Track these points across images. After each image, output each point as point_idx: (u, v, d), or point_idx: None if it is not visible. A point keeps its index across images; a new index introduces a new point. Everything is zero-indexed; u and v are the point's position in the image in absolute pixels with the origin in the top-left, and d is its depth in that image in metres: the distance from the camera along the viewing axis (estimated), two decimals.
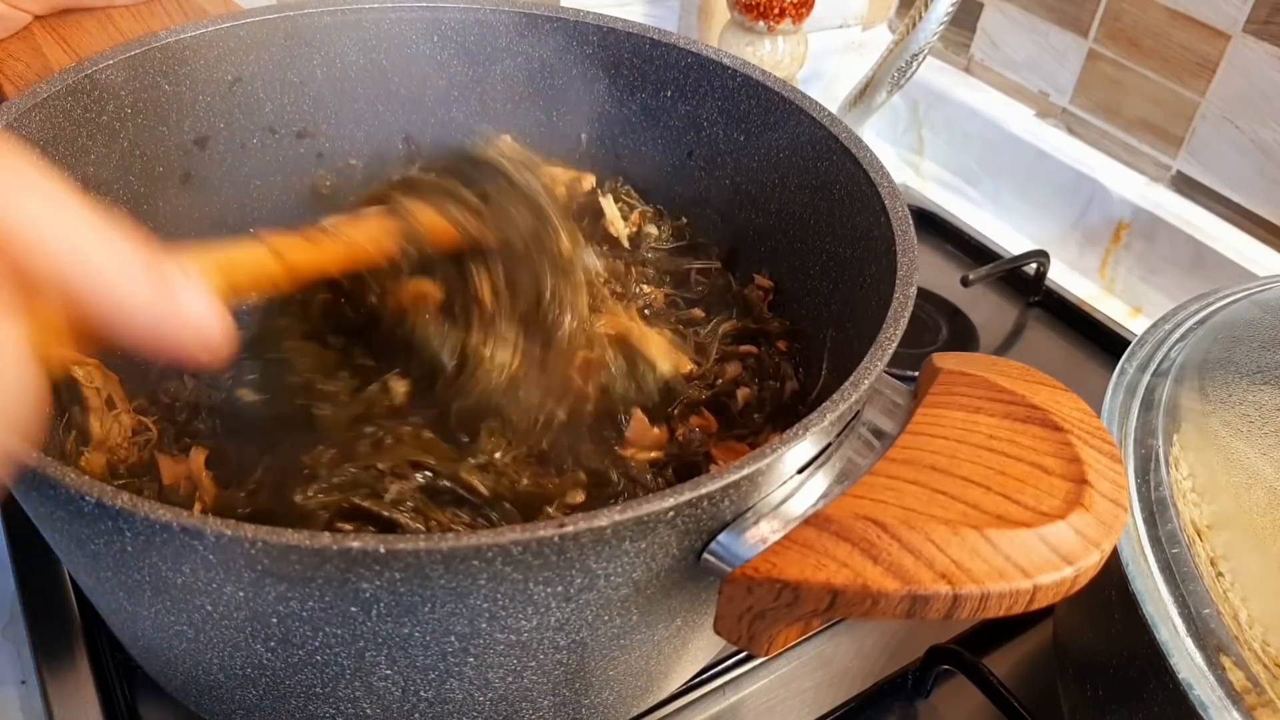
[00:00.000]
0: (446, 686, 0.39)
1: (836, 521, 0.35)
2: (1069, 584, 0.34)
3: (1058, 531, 0.34)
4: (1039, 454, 0.37)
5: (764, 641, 0.37)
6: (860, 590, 0.33)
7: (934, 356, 0.43)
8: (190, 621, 0.37)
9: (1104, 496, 0.35)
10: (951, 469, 0.37)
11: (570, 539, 0.33)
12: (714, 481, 0.34)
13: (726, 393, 0.55)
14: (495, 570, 0.33)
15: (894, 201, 0.48)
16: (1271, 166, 0.84)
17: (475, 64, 0.64)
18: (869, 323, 0.45)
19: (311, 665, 0.38)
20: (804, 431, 0.37)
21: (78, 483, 0.32)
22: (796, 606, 0.35)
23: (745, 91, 0.58)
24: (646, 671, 0.45)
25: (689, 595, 0.40)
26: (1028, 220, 1.00)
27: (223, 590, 0.34)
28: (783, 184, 0.58)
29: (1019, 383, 0.40)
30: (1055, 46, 0.98)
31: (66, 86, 0.51)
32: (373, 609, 0.34)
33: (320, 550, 0.31)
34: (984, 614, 0.33)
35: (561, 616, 0.37)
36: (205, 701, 0.45)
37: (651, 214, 0.65)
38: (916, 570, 0.33)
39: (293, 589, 0.34)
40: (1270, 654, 0.41)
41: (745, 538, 0.37)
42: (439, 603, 0.34)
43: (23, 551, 0.57)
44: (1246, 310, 0.57)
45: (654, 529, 0.35)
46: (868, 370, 0.39)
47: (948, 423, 0.39)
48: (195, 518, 0.31)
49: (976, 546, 0.34)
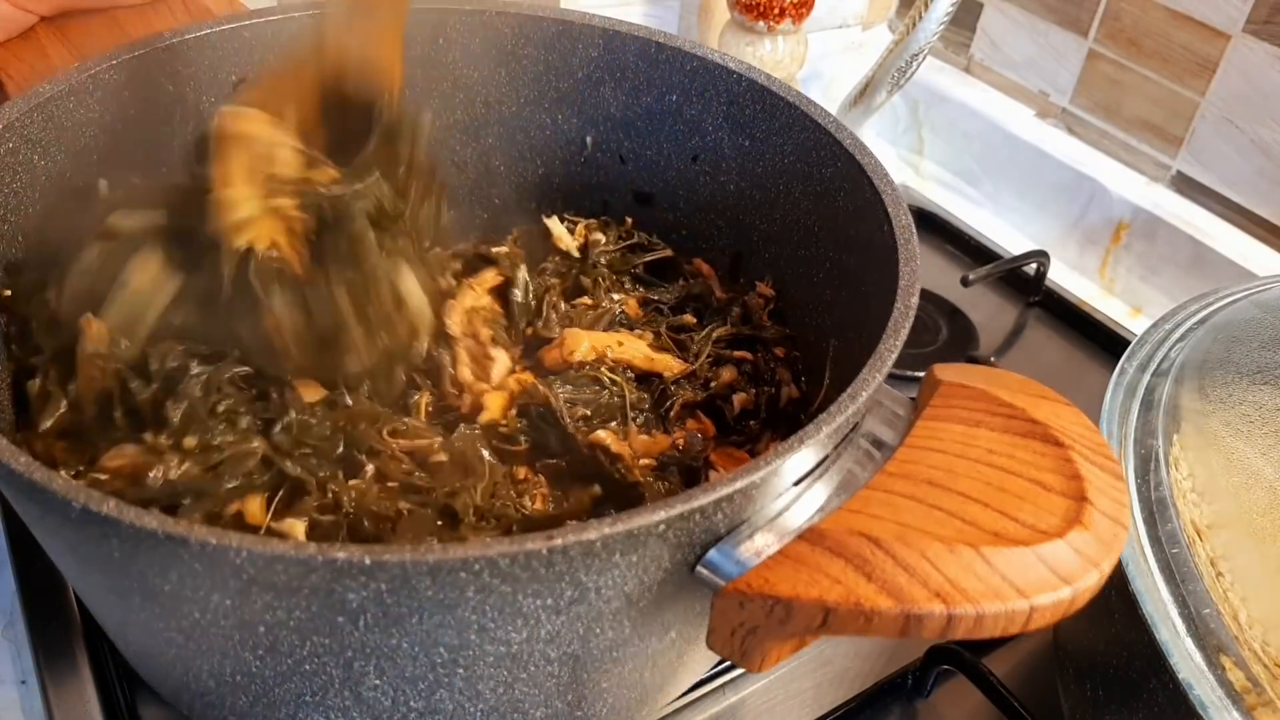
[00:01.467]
0: (436, 697, 0.38)
1: (830, 537, 0.35)
2: (1066, 605, 0.33)
3: (1056, 550, 0.34)
4: (1039, 470, 0.36)
5: (756, 657, 0.36)
6: (853, 608, 0.33)
7: (935, 368, 0.43)
8: (179, 628, 0.37)
9: (1104, 515, 0.35)
10: (949, 484, 0.36)
11: (559, 552, 0.33)
12: (706, 495, 0.34)
13: (722, 397, 0.54)
14: (483, 583, 0.33)
15: (897, 210, 0.48)
16: (1271, 166, 0.84)
17: (480, 66, 0.63)
18: (871, 332, 0.45)
19: (300, 674, 0.37)
20: (800, 443, 0.36)
21: (65, 488, 0.32)
22: (789, 623, 0.34)
23: (750, 96, 0.58)
24: (641, 684, 0.44)
25: (683, 608, 0.40)
26: (1028, 220, 0.99)
27: (210, 598, 0.34)
28: (787, 190, 0.58)
29: (1020, 396, 0.40)
30: (1055, 46, 0.97)
31: (70, 87, 0.51)
32: (360, 619, 0.34)
33: (305, 560, 0.31)
34: (979, 634, 0.33)
35: (552, 629, 0.37)
36: (197, 707, 0.44)
37: (597, 224, 0.65)
38: (911, 589, 0.33)
39: (279, 598, 0.33)
40: (1270, 654, 0.40)
41: (739, 551, 0.36)
42: (427, 614, 0.34)
43: (23, 551, 0.57)
44: (1246, 310, 0.57)
45: (645, 542, 0.34)
46: (866, 382, 0.39)
47: (947, 436, 0.38)
48: (181, 526, 0.31)
49: (972, 565, 0.33)
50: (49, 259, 0.49)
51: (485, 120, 0.65)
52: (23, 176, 0.49)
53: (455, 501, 0.45)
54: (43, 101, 0.50)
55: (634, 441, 0.51)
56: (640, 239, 0.64)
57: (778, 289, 0.60)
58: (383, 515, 0.44)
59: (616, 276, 0.61)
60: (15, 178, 0.49)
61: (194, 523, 0.32)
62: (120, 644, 0.46)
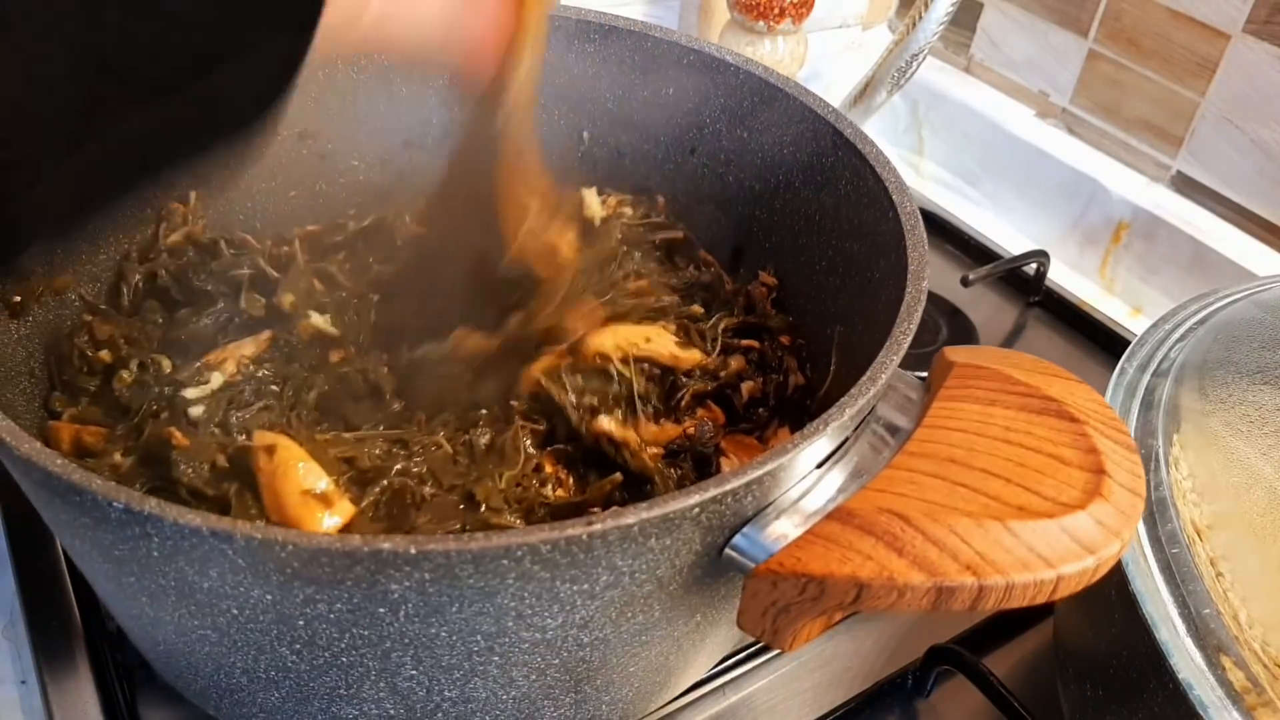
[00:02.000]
0: (470, 685, 0.39)
1: (859, 515, 0.36)
2: (1091, 573, 0.34)
3: (1078, 522, 0.35)
4: (1056, 445, 0.38)
5: (788, 636, 0.37)
6: (886, 582, 0.34)
7: (945, 350, 0.44)
8: (215, 625, 0.37)
9: (1122, 486, 0.36)
10: (970, 461, 0.37)
11: (598, 537, 0.33)
12: (738, 478, 0.35)
13: (731, 386, 0.55)
14: (524, 569, 0.33)
15: (902, 197, 0.49)
16: (1271, 166, 0.85)
17: None
18: (878, 318, 0.46)
19: (337, 667, 0.38)
20: (824, 427, 0.37)
21: (104, 489, 0.32)
22: (822, 600, 0.35)
23: (748, 88, 0.59)
24: (665, 667, 0.45)
25: (709, 591, 0.41)
26: (1028, 220, 1.00)
27: (250, 594, 0.34)
28: (787, 180, 0.58)
29: (1033, 375, 0.41)
30: (1055, 46, 0.98)
31: None
32: (400, 610, 0.34)
33: (351, 552, 0.32)
34: (1008, 604, 0.34)
35: (586, 614, 0.37)
36: (225, 705, 0.45)
37: (630, 199, 0.64)
38: (942, 562, 0.34)
39: (321, 591, 0.34)
40: (1270, 654, 0.41)
41: (766, 533, 0.37)
42: (467, 602, 0.34)
43: (23, 551, 0.57)
44: (1246, 310, 0.57)
45: (679, 526, 0.35)
46: (884, 365, 0.40)
47: (964, 415, 0.39)
48: (225, 522, 0.32)
49: (1000, 538, 0.34)
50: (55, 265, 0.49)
51: None
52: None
53: (478, 488, 0.45)
54: None
55: (643, 430, 0.52)
56: (659, 219, 0.64)
57: (779, 278, 0.60)
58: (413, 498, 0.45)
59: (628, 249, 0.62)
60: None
61: (236, 520, 0.32)
62: (145, 645, 0.46)
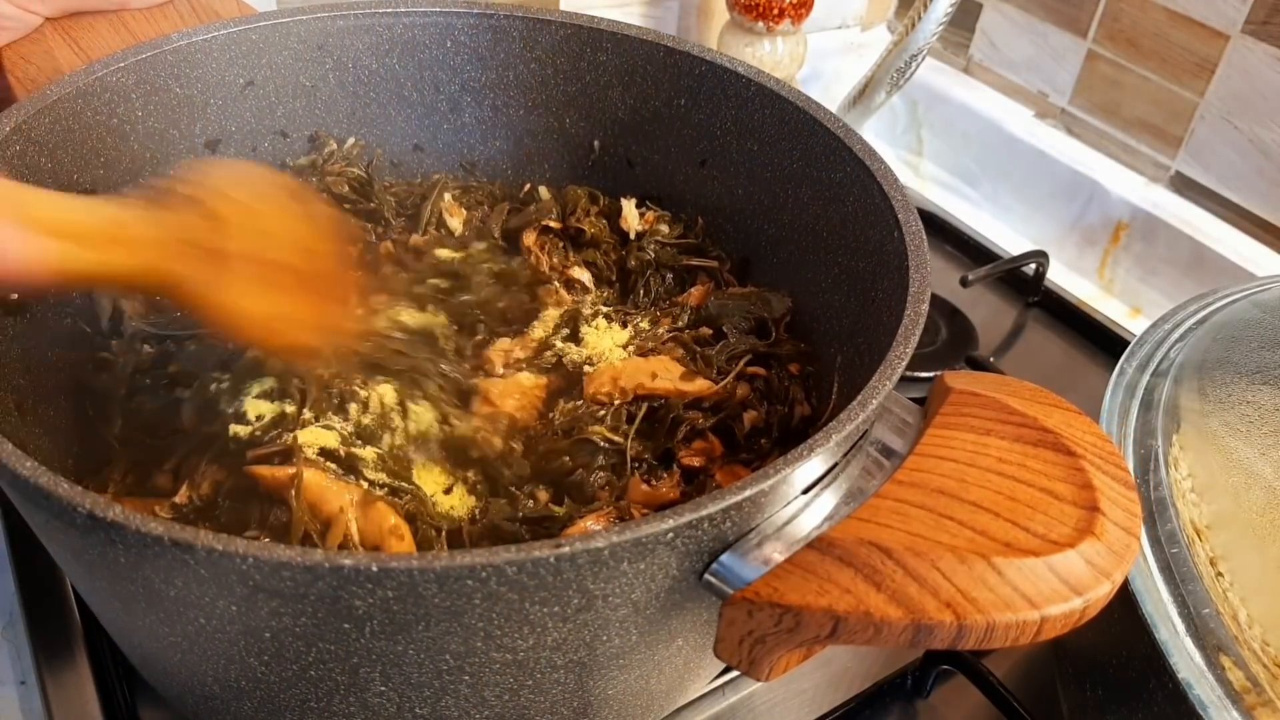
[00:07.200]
0: (442, 704, 0.38)
1: (840, 546, 0.35)
2: (1077, 616, 0.33)
3: (1067, 561, 0.33)
4: (1050, 479, 0.36)
5: (764, 667, 0.36)
6: (863, 618, 0.33)
7: (945, 376, 0.42)
8: (184, 634, 0.37)
9: (1116, 525, 0.35)
10: (960, 493, 0.36)
11: (566, 559, 0.32)
12: (715, 503, 0.34)
13: (733, 415, 0.53)
14: (490, 590, 0.33)
15: (908, 215, 0.47)
16: (1271, 166, 0.84)
17: (488, 69, 0.63)
18: (879, 339, 0.44)
19: (305, 680, 0.37)
20: (809, 451, 0.36)
21: (69, 494, 0.32)
22: (798, 632, 0.34)
23: (759, 101, 0.58)
24: (647, 691, 0.44)
25: (690, 616, 0.40)
26: (1027, 220, 0.99)
27: (215, 604, 0.34)
28: (795, 194, 0.57)
29: (1031, 404, 0.39)
30: (1054, 47, 0.97)
31: (77, 89, 0.51)
32: (366, 626, 0.34)
33: (312, 567, 0.31)
34: (989, 644, 0.32)
35: (559, 636, 0.36)
36: (202, 711, 0.44)
37: (669, 217, 0.64)
38: (921, 599, 0.32)
39: (285, 604, 0.33)
40: (1270, 654, 0.40)
41: (748, 559, 0.36)
42: (433, 621, 0.34)
43: (23, 551, 0.57)
44: (1246, 310, 0.57)
45: (653, 550, 0.34)
46: (876, 390, 0.38)
47: (958, 444, 0.38)
48: (186, 532, 0.31)
49: (983, 576, 0.33)
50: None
51: (493, 123, 0.65)
52: (29, 179, 0.49)
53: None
54: (50, 104, 0.50)
55: (634, 492, 0.50)
56: (695, 241, 0.63)
57: (792, 300, 0.59)
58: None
59: (658, 269, 0.61)
60: (22, 180, 0.49)
61: (200, 529, 0.32)
62: (125, 648, 0.46)
